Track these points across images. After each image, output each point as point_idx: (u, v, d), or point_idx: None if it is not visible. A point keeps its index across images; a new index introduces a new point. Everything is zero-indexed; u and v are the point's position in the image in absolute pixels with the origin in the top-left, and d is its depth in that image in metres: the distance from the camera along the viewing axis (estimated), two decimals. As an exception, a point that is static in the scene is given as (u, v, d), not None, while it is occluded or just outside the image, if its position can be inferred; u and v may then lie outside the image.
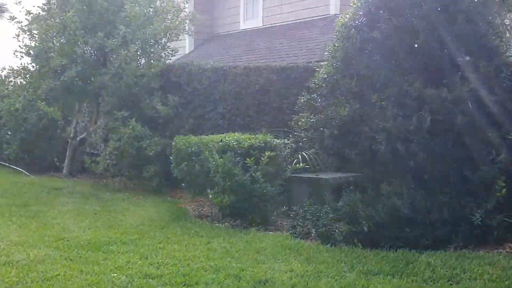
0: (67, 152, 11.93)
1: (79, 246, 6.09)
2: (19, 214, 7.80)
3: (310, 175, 7.65)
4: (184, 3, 11.66)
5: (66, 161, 11.97)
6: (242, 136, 7.96)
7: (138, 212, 8.27)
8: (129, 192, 10.08)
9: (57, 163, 12.40)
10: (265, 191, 7.38)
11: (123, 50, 9.78)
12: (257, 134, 8.21)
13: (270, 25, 13.72)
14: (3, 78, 11.84)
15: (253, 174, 7.38)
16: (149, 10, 11.14)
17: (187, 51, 15.39)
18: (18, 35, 10.32)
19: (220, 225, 7.59)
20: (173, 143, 8.39)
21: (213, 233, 6.91)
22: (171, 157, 8.42)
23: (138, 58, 10.59)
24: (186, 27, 11.38)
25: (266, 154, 7.49)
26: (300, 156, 8.01)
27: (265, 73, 9.60)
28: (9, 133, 12.87)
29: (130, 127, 9.63)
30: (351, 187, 6.65)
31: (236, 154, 7.57)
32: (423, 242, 5.80)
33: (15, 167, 12.86)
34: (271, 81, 9.49)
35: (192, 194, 8.53)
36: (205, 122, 10.18)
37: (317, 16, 12.29)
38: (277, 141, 7.96)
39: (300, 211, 6.90)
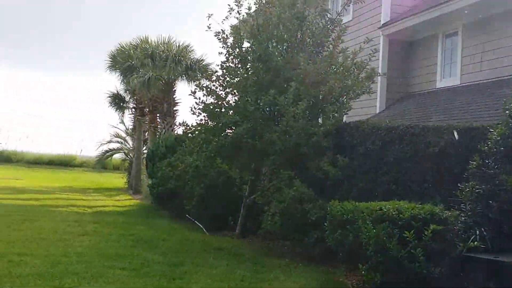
0: (241, 211, 12.27)
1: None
2: (163, 274, 8.05)
3: (486, 257, 6.60)
4: (367, 60, 11.38)
5: (239, 220, 12.31)
6: (406, 205, 7.28)
7: (287, 283, 7.99)
8: (291, 258, 9.86)
9: (232, 222, 12.82)
10: (425, 271, 6.57)
11: (292, 107, 9.85)
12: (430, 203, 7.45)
13: (468, 84, 12.78)
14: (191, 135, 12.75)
15: (412, 250, 6.65)
16: (331, 68, 11.14)
17: (377, 111, 15.06)
18: (194, 92, 11.12)
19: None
20: (328, 209, 8.05)
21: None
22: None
23: (309, 116, 10.58)
24: (366, 85, 11.05)
25: (431, 227, 6.71)
26: (477, 232, 7.00)
27: (446, 134, 8.75)
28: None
29: (294, 188, 9.53)
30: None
31: (395, 226, 6.93)
32: None
33: (198, 223, 13.69)
34: (452, 143, 8.60)
35: (346, 267, 8.00)
36: (377, 187, 9.59)
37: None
38: (447, 213, 7.10)
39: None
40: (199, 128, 11.32)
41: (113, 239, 11.15)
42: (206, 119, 11.23)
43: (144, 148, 25.32)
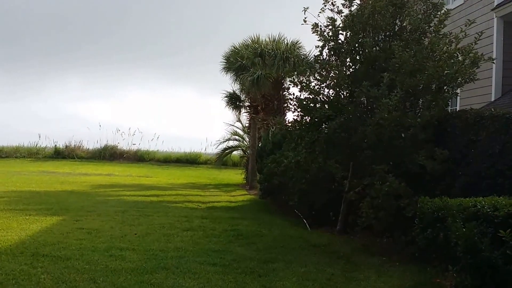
0: (342, 207, 11.77)
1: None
2: (250, 271, 7.90)
3: None
4: (473, 45, 10.33)
5: (340, 216, 11.82)
6: (504, 201, 6.44)
7: (377, 284, 7.51)
8: (389, 256, 9.23)
9: (333, 218, 12.35)
10: (522, 275, 5.74)
11: (384, 99, 9.18)
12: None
13: None
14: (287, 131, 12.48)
15: (508, 251, 5.84)
16: (431, 56, 10.29)
17: (492, 98, 13.73)
18: (288, 88, 10.81)
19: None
20: (418, 205, 7.37)
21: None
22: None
23: (409, 107, 9.83)
24: (469, 72, 10.02)
25: (532, 226, 5.86)
26: None
27: (557, 121, 7.69)
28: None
29: (387, 183, 8.88)
30: None
31: (489, 224, 6.14)
32: None
33: (302, 219, 13.37)
34: None
35: (438, 268, 7.27)
36: (481, 181, 8.66)
37: None
38: (554, 210, 6.16)
39: None
40: (294, 124, 10.99)
41: (214, 234, 11.14)
42: (301, 114, 10.86)
43: (259, 144, 25.40)
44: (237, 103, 26.57)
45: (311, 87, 10.78)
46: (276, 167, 14.92)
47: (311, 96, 10.80)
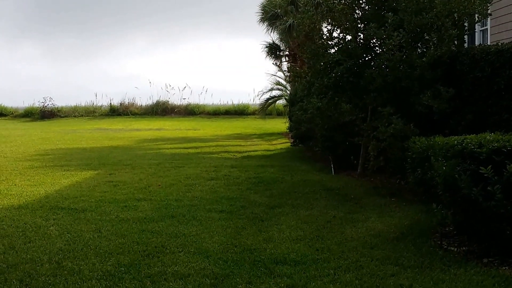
0: (361, 151, 11.73)
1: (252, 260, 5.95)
2: (254, 216, 8.06)
3: None
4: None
5: (360, 160, 11.80)
6: (491, 138, 6.28)
7: (375, 224, 7.49)
8: (399, 197, 9.22)
9: (354, 162, 12.33)
10: (502, 210, 5.64)
11: (388, 40, 8.96)
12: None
13: None
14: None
15: (489, 188, 5.74)
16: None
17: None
18: (298, 36, 10.67)
19: (455, 249, 6.23)
20: (410, 145, 7.29)
21: (425, 264, 5.73)
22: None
23: (415, 47, 9.55)
24: (478, 6, 9.57)
25: (515, 161, 5.71)
26: None
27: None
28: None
29: (392, 125, 8.78)
30: None
31: (474, 161, 6.03)
32: None
33: (332, 164, 13.38)
34: None
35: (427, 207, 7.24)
36: (486, 118, 8.43)
37: None
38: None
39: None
40: (307, 71, 10.92)
41: (236, 182, 11.30)
42: (312, 61, 10.76)
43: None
44: (277, 53, 26.35)
45: (321, 32, 10.62)
46: (303, 114, 14.91)
47: (322, 41, 10.65)
